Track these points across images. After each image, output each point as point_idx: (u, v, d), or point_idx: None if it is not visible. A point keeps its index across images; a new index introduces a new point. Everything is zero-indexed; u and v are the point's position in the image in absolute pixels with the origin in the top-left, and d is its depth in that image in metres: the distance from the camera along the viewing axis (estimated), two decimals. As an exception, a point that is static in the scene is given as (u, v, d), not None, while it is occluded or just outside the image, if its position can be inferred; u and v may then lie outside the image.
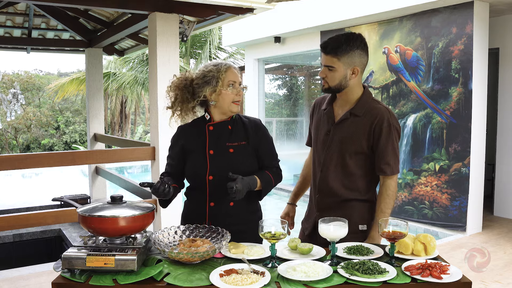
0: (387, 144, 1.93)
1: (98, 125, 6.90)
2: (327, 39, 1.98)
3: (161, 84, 4.33)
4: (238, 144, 2.03)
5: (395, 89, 5.87)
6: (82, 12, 5.58)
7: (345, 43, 1.91)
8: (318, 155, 2.10)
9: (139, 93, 15.66)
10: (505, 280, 3.81)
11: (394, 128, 1.94)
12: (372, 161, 1.98)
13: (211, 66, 2.05)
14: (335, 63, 1.92)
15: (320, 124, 2.11)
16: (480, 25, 5.02)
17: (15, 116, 11.65)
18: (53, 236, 5.81)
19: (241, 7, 4.32)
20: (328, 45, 1.94)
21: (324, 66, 1.96)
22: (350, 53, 1.91)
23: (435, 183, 5.39)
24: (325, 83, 1.98)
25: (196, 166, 2.04)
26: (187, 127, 2.13)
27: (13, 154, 12.27)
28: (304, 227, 2.19)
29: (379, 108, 1.96)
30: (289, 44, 8.10)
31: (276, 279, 1.55)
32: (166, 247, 1.68)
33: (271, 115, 11.73)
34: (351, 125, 1.98)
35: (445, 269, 1.57)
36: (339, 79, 1.94)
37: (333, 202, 2.03)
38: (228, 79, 2.01)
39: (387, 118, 1.93)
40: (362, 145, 1.96)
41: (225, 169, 1.96)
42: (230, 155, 2.01)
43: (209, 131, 2.06)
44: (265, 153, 2.09)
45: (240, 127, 2.08)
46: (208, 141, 2.04)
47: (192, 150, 2.06)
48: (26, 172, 11.85)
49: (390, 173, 1.95)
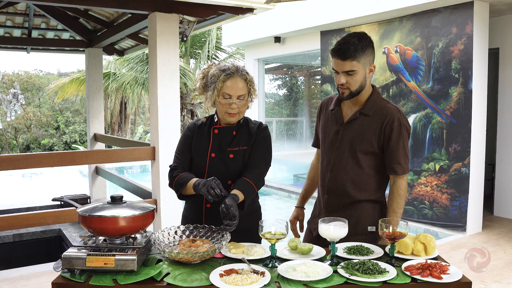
0: (398, 143, 1.92)
1: (98, 125, 6.90)
2: (337, 45, 1.90)
3: (161, 84, 4.33)
4: (239, 149, 2.02)
5: (395, 89, 5.86)
6: (82, 12, 5.58)
7: (359, 44, 1.87)
8: (327, 155, 2.08)
9: (139, 93, 15.65)
10: (505, 280, 3.81)
11: (405, 128, 1.94)
12: (382, 161, 1.98)
13: (217, 70, 1.98)
14: (355, 66, 1.88)
15: (328, 125, 2.09)
16: (480, 25, 5.02)
17: (15, 116, 11.66)
18: (53, 236, 5.81)
19: (241, 7, 4.32)
20: (345, 50, 1.86)
21: (343, 72, 1.89)
22: (366, 53, 1.89)
23: (435, 183, 5.39)
24: (345, 90, 1.92)
25: (196, 166, 2.05)
26: (197, 125, 2.11)
27: (13, 154, 12.27)
28: (312, 228, 2.15)
29: (389, 107, 1.96)
30: (289, 44, 8.10)
31: (276, 279, 1.55)
32: (166, 247, 1.68)
33: (271, 115, 11.73)
34: (361, 125, 1.97)
35: (445, 269, 1.57)
36: (360, 81, 1.91)
37: (342, 203, 2.01)
38: (223, 91, 1.95)
39: (397, 118, 1.93)
40: (373, 145, 1.95)
41: (222, 174, 1.97)
42: (229, 160, 2.01)
43: (214, 134, 2.05)
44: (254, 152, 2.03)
45: (245, 133, 2.05)
46: (212, 143, 2.04)
47: (196, 150, 2.06)
48: (26, 172, 11.85)
49: (401, 172, 1.94)
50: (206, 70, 2.06)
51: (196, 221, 2.00)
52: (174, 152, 2.13)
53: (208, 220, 2.02)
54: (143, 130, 18.88)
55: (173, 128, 4.43)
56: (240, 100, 1.96)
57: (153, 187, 4.55)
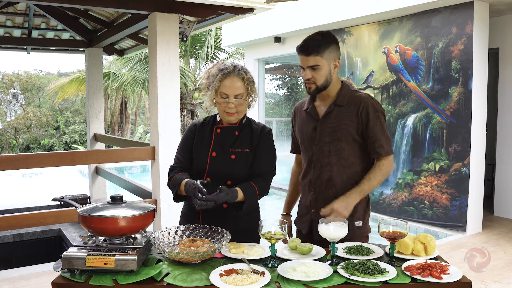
0: (376, 127, 2.00)
1: (98, 125, 6.89)
2: (302, 42, 2.01)
3: (161, 84, 4.33)
4: (241, 151, 2.02)
5: (395, 89, 5.86)
6: (82, 12, 5.58)
7: (322, 40, 1.98)
8: (307, 153, 2.12)
9: (139, 93, 15.65)
10: (505, 280, 3.81)
11: (380, 111, 2.02)
12: (364, 148, 2.04)
13: (216, 69, 2.01)
14: (319, 61, 1.97)
15: (305, 124, 2.15)
16: (480, 25, 5.02)
17: (15, 116, 11.66)
18: (53, 236, 5.81)
19: (241, 7, 4.33)
20: (308, 46, 1.98)
21: (307, 67, 1.99)
22: (329, 48, 1.99)
23: (435, 183, 5.39)
24: (311, 85, 2.02)
25: (196, 165, 2.05)
26: (199, 125, 2.12)
27: (13, 154, 12.27)
28: (301, 227, 2.18)
29: (361, 95, 2.05)
30: (289, 44, 8.09)
31: (276, 279, 1.55)
32: (166, 247, 1.68)
33: (271, 115, 11.73)
34: (337, 116, 2.03)
35: (445, 269, 1.57)
36: (325, 76, 2.00)
37: (329, 196, 2.02)
38: (220, 90, 1.97)
39: (371, 103, 2.01)
40: (352, 133, 2.01)
41: (223, 173, 1.98)
42: (230, 161, 2.01)
43: (216, 134, 2.05)
44: (259, 158, 2.03)
45: (247, 133, 2.05)
46: (213, 143, 2.04)
47: (197, 149, 2.06)
48: (26, 172, 11.85)
49: (385, 154, 2.01)
50: (210, 70, 2.07)
51: (194, 219, 2.00)
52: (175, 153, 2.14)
53: (205, 217, 2.01)
54: (143, 130, 18.87)
55: (173, 128, 4.43)
56: (237, 99, 1.97)
57: (153, 187, 4.55)
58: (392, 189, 5.94)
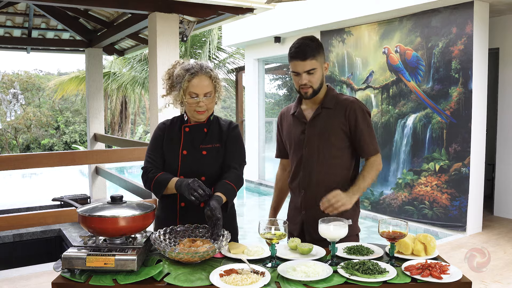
0: (364, 128, 2.06)
1: (98, 125, 6.90)
2: (295, 48, 2.02)
3: (161, 84, 4.33)
4: (212, 146, 2.03)
5: (395, 89, 5.86)
6: (82, 12, 5.58)
7: (314, 44, 2.02)
8: (296, 156, 2.14)
9: (139, 93, 15.65)
10: (505, 280, 3.81)
11: (366, 112, 2.09)
12: (351, 147, 2.08)
13: (181, 70, 2.01)
14: (315, 64, 2.01)
15: (292, 128, 2.17)
16: (480, 25, 5.02)
17: (15, 116, 11.65)
18: (53, 236, 5.81)
19: (241, 7, 4.33)
20: (305, 51, 1.99)
21: (304, 72, 2.01)
22: (321, 51, 2.05)
23: (435, 183, 5.39)
24: (308, 89, 2.04)
25: (168, 164, 2.05)
26: (168, 124, 2.13)
27: (13, 154, 12.28)
28: (292, 229, 2.18)
29: (347, 98, 2.12)
30: (289, 44, 8.03)
31: (276, 279, 1.55)
32: (166, 247, 1.68)
33: (271, 115, 11.73)
34: (325, 118, 2.08)
35: (445, 269, 1.57)
36: (320, 79, 2.05)
37: (320, 197, 2.00)
38: (189, 90, 1.97)
39: (358, 105, 2.08)
40: (340, 134, 2.06)
41: (195, 170, 1.99)
42: (202, 157, 2.02)
43: (185, 132, 2.06)
44: (229, 152, 2.05)
45: (216, 129, 2.07)
46: (183, 141, 2.05)
47: (167, 149, 2.07)
48: (26, 172, 11.85)
49: (375, 152, 2.08)
50: (171, 70, 2.08)
51: (171, 221, 1.99)
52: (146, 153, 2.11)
53: (183, 219, 2.01)
54: (143, 130, 18.86)
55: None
56: (207, 97, 1.99)
57: (153, 187, 4.54)
58: (392, 189, 5.94)
